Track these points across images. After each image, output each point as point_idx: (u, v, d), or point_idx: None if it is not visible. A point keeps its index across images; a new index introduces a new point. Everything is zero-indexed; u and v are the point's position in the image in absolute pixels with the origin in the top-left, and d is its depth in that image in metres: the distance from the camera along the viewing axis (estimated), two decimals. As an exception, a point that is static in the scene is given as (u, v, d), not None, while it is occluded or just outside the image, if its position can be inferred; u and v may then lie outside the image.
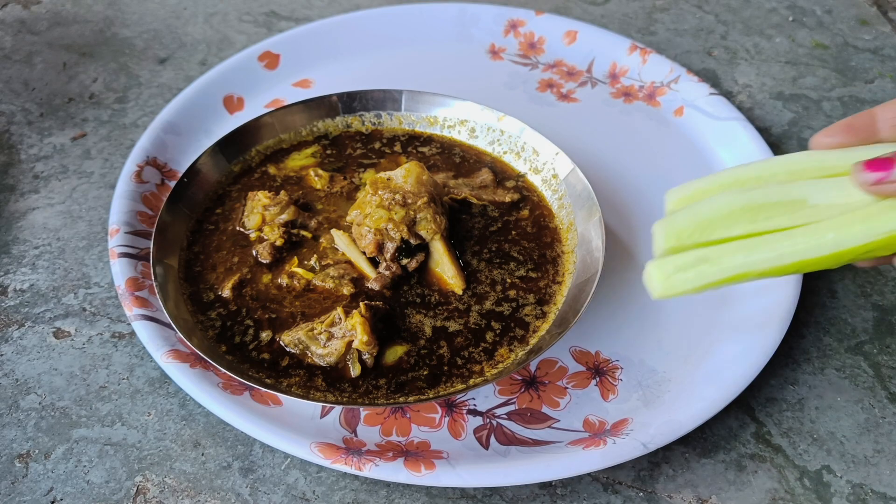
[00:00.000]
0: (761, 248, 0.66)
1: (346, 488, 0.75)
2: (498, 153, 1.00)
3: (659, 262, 0.69)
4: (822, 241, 0.65)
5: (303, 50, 1.18)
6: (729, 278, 0.67)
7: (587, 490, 0.75)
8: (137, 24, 1.30)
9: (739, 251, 0.66)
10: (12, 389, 0.81)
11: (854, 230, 0.65)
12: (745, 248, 0.66)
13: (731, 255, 0.67)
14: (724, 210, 0.69)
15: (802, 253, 0.65)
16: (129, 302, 0.82)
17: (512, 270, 0.87)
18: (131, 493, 0.74)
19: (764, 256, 0.66)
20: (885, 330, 0.90)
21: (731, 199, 0.69)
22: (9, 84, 1.17)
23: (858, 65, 1.27)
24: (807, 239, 0.65)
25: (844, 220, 0.65)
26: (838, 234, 0.64)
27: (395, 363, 0.79)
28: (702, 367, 0.82)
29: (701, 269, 0.67)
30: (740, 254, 0.66)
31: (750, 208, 0.67)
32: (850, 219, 0.65)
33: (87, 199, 1.01)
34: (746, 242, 0.67)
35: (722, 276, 0.67)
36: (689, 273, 0.68)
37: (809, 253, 0.65)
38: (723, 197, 0.70)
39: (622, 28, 1.33)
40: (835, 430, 0.81)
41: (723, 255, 0.67)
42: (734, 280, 0.67)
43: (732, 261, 0.66)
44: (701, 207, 0.71)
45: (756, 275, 0.67)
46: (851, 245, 0.65)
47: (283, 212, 0.89)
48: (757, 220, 0.67)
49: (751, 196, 0.68)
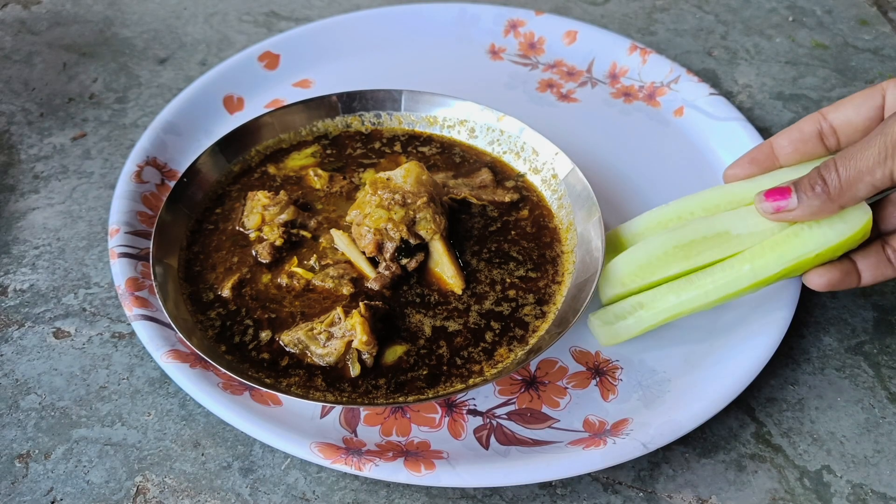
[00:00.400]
0: (688, 288, 0.73)
1: (346, 488, 0.75)
2: (498, 153, 1.00)
3: (600, 313, 0.78)
4: (741, 274, 0.72)
5: (303, 50, 1.18)
6: (665, 319, 0.75)
7: (587, 490, 0.75)
8: (137, 24, 1.30)
9: (670, 293, 0.74)
10: (12, 389, 0.81)
11: (766, 260, 0.71)
12: (675, 289, 0.74)
13: (664, 298, 0.74)
14: (658, 252, 0.76)
15: (724, 288, 0.73)
16: (128, 302, 0.82)
17: (511, 270, 0.87)
18: (131, 494, 0.74)
19: (691, 295, 0.73)
20: (885, 330, 0.90)
21: (663, 241, 0.76)
22: (9, 84, 1.17)
23: (858, 65, 1.27)
24: (726, 274, 0.72)
25: (757, 251, 0.72)
26: (753, 266, 0.71)
27: (394, 363, 0.79)
28: (702, 367, 0.82)
29: (638, 314, 0.76)
30: (671, 295, 0.74)
31: (681, 247, 0.74)
32: (761, 249, 0.72)
33: (87, 199, 1.01)
34: (675, 284, 0.74)
35: (658, 319, 0.75)
36: (628, 320, 0.77)
37: (731, 287, 0.73)
38: (654, 240, 0.77)
39: (622, 28, 1.33)
40: (835, 430, 0.81)
41: (656, 298, 0.75)
42: (668, 320, 0.75)
43: (665, 303, 0.74)
44: (636, 252, 0.78)
45: (688, 311, 0.74)
46: (766, 275, 0.72)
47: (283, 212, 0.90)
48: (690, 256, 0.73)
49: (680, 235, 0.75)
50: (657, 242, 0.76)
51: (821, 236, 0.71)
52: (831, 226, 0.71)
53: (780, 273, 0.73)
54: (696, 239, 0.74)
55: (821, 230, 0.71)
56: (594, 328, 0.82)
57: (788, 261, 0.72)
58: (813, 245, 0.71)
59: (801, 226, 0.72)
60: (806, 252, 0.72)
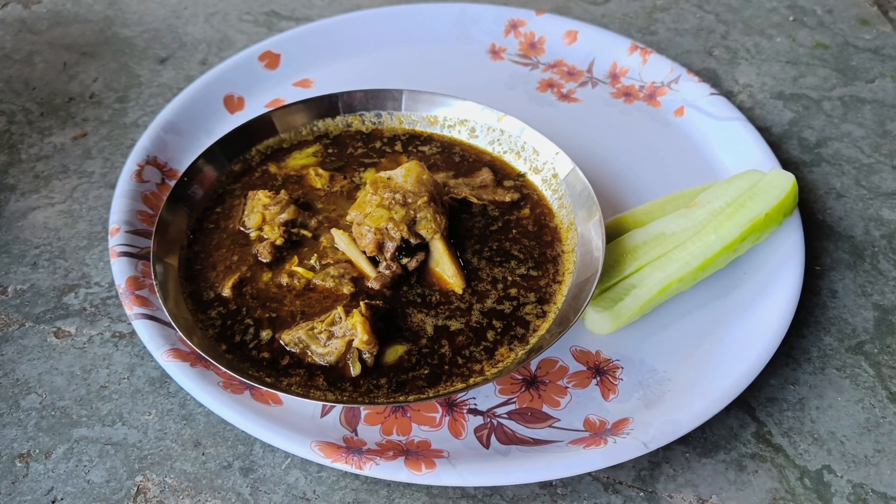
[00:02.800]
0: (669, 263, 0.86)
1: (347, 488, 0.75)
2: (498, 153, 1.00)
3: (595, 302, 0.85)
4: (710, 243, 0.87)
5: (303, 50, 1.18)
6: (659, 292, 0.85)
7: (587, 490, 0.75)
8: (138, 24, 1.30)
9: (655, 270, 0.86)
10: (13, 389, 0.81)
11: (727, 228, 0.87)
12: (658, 267, 0.86)
13: (651, 276, 0.85)
14: (610, 260, 0.88)
15: (700, 255, 0.86)
16: (129, 301, 0.82)
17: (513, 269, 0.87)
18: (132, 493, 0.74)
19: (675, 267, 0.86)
20: (886, 330, 0.90)
21: (612, 251, 0.89)
22: (9, 84, 1.17)
23: (859, 64, 1.27)
24: (698, 245, 0.87)
25: (717, 223, 0.88)
26: (718, 234, 0.87)
27: (395, 362, 0.79)
28: (702, 366, 0.82)
29: (634, 293, 0.85)
30: (657, 272, 0.86)
31: (630, 250, 0.88)
32: (719, 222, 0.88)
33: (88, 199, 1.01)
34: (657, 263, 0.87)
35: (653, 293, 0.85)
36: (626, 301, 0.84)
37: (706, 253, 0.86)
38: (610, 248, 0.89)
39: (622, 28, 1.33)
40: (835, 430, 0.81)
41: (643, 278, 0.86)
42: (661, 293, 0.85)
43: (653, 278, 0.85)
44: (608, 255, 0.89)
45: (676, 282, 0.85)
46: (730, 239, 0.87)
47: (284, 211, 0.89)
48: (639, 257, 0.87)
49: (626, 243, 0.89)
50: (606, 254, 0.86)
51: (762, 202, 0.89)
52: (767, 193, 0.90)
53: (741, 235, 0.87)
54: (639, 244, 0.89)
55: (760, 198, 0.89)
56: (593, 321, 0.85)
57: (744, 224, 0.87)
58: (758, 209, 0.88)
59: (743, 198, 0.90)
60: (755, 215, 0.88)
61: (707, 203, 0.91)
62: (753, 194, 0.90)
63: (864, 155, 1.12)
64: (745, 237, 0.88)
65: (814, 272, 0.96)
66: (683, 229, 0.89)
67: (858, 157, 1.12)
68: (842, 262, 0.97)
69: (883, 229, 1.02)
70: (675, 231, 0.89)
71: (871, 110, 1.19)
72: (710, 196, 0.91)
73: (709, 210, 0.90)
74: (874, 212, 1.04)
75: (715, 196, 0.91)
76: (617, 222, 0.94)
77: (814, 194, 1.06)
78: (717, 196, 0.91)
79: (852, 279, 0.95)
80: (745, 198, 0.90)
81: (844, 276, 0.96)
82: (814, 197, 1.06)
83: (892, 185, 1.08)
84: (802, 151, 1.12)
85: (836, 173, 1.09)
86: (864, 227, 1.02)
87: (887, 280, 0.95)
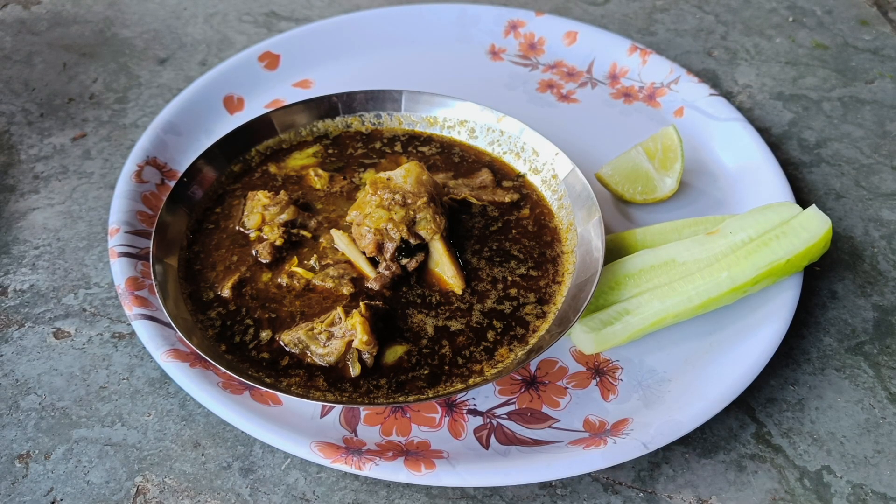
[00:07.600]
0: (671, 294, 0.79)
1: (346, 488, 0.75)
2: (498, 153, 1.00)
3: (585, 321, 0.80)
4: (719, 280, 0.79)
5: (303, 50, 1.18)
6: (652, 324, 0.79)
7: (587, 490, 0.75)
8: (137, 25, 1.30)
9: (654, 299, 0.79)
10: (12, 390, 0.81)
11: (742, 267, 0.79)
12: (657, 296, 0.79)
13: (648, 304, 0.79)
14: (609, 282, 0.82)
15: (705, 293, 0.79)
16: (128, 301, 0.82)
17: (513, 269, 0.87)
18: (131, 494, 0.74)
19: (675, 301, 0.79)
20: (885, 330, 0.90)
21: (614, 271, 0.83)
22: (9, 84, 1.17)
23: (858, 65, 1.28)
24: (706, 281, 0.80)
25: (732, 259, 0.80)
26: (731, 273, 0.79)
27: (395, 363, 0.79)
28: (702, 367, 0.82)
29: (625, 320, 0.79)
30: (655, 301, 0.79)
31: (632, 276, 0.82)
32: (736, 258, 0.80)
33: (87, 200, 1.01)
34: (659, 291, 0.79)
35: (645, 324, 0.79)
36: (615, 326, 0.80)
37: (711, 292, 0.79)
38: (606, 270, 0.83)
39: (622, 28, 1.33)
40: (835, 431, 0.81)
41: (639, 305, 0.79)
42: (653, 325, 0.79)
43: (650, 308, 0.79)
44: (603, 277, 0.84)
45: (673, 316, 0.79)
46: (742, 280, 0.79)
47: (283, 211, 0.90)
48: (640, 284, 0.81)
49: (630, 265, 0.82)
50: (609, 273, 0.83)
51: (788, 245, 0.81)
52: (797, 235, 0.81)
53: (755, 279, 0.80)
54: (645, 268, 0.83)
55: (787, 240, 0.81)
56: (579, 338, 0.82)
57: (761, 267, 0.80)
58: (782, 252, 0.80)
59: (769, 236, 0.81)
60: (776, 259, 0.80)
61: (730, 233, 0.83)
62: (781, 233, 0.81)
63: (863, 155, 1.12)
64: (758, 280, 0.80)
65: (813, 272, 0.96)
66: (696, 259, 0.82)
67: (858, 158, 1.12)
68: (841, 263, 0.97)
69: (882, 230, 1.02)
70: (687, 260, 0.82)
71: (871, 111, 1.19)
72: (734, 225, 0.84)
73: (729, 242, 0.82)
74: (874, 212, 1.04)
75: (740, 227, 0.83)
76: (626, 238, 0.90)
77: (813, 195, 1.06)
78: (742, 227, 0.83)
79: (852, 280, 0.95)
80: (771, 236, 0.81)
81: (844, 277, 0.96)
82: (813, 197, 1.06)
83: (892, 185, 1.08)
84: (802, 152, 1.12)
85: (835, 174, 1.09)
86: (863, 227, 1.02)
87: (887, 280, 0.95)
